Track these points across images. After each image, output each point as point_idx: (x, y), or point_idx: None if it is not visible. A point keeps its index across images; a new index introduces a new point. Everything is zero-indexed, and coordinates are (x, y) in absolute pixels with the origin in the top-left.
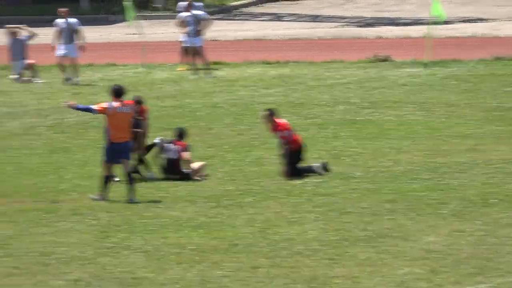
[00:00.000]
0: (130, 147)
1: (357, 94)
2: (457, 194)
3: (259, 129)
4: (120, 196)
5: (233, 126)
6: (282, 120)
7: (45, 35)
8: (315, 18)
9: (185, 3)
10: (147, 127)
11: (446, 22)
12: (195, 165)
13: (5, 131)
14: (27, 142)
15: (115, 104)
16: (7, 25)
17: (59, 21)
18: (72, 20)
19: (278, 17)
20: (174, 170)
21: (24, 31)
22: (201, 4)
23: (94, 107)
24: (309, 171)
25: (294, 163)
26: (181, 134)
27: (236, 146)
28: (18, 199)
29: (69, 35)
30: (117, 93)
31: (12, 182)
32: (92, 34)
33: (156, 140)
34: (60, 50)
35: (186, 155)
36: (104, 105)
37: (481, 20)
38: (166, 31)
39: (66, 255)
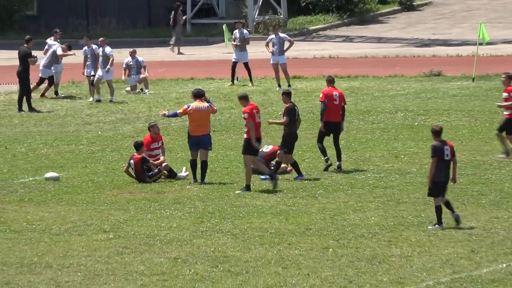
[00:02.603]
0: (208, 139)
1: (414, 103)
2: (495, 187)
3: None
4: (215, 188)
5: (307, 130)
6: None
7: (154, 54)
8: (380, 40)
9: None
10: None
11: (490, 43)
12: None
13: (119, 134)
14: None
15: (193, 104)
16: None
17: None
18: (107, 48)
19: (349, 39)
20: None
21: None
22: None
23: (178, 110)
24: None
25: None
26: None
27: (312, 146)
28: (128, 190)
29: (106, 61)
30: (196, 95)
31: (123, 176)
32: (194, 53)
33: None
34: (96, 73)
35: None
36: (184, 107)
37: None
38: (256, 50)
39: (167, 237)
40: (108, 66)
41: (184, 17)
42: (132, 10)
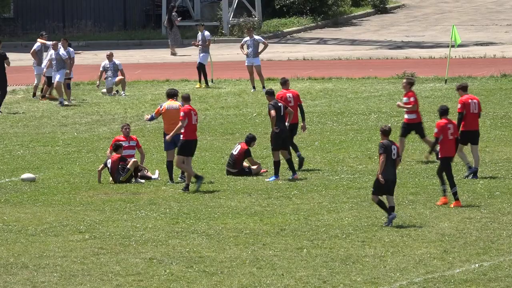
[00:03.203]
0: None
1: (387, 104)
2: (468, 187)
3: (305, 133)
4: (190, 189)
5: None
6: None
7: (130, 56)
8: (353, 42)
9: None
10: None
11: (462, 45)
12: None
13: (95, 135)
14: None
15: (165, 104)
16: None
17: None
18: (61, 50)
19: (323, 41)
20: (234, 165)
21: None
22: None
23: (154, 113)
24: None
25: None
26: (248, 140)
27: None
28: (104, 191)
29: (60, 63)
30: (169, 94)
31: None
32: (169, 55)
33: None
34: (55, 75)
35: (242, 156)
36: (158, 108)
37: (491, 43)
38: (231, 52)
39: (142, 237)
40: (67, 71)
41: (179, 18)
42: (108, 13)
